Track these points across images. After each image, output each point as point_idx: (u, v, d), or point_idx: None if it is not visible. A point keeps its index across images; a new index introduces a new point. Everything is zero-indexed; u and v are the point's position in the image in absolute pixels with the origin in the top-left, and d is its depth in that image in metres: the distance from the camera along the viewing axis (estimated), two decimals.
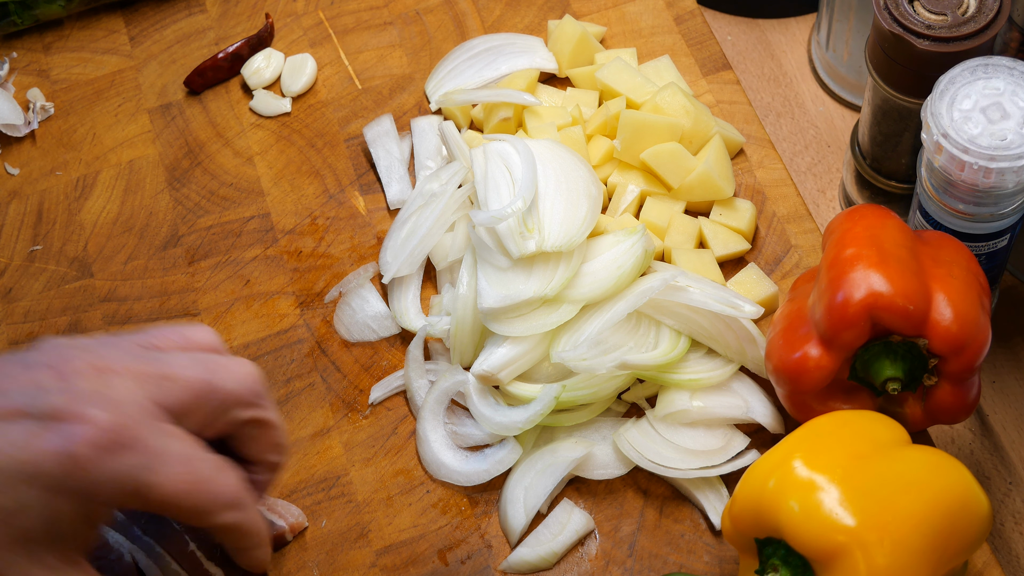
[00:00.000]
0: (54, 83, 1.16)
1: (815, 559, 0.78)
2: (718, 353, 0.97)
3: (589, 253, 0.98)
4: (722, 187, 1.03)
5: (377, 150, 1.09)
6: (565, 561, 0.92)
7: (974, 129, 0.88)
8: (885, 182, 1.08)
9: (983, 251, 0.95)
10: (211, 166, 1.11)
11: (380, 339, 1.01)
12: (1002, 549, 1.01)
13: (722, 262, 1.02)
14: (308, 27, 1.17)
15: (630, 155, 1.03)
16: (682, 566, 0.91)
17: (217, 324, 1.03)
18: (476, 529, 0.94)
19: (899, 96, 1.00)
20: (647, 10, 1.15)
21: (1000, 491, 1.03)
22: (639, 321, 0.96)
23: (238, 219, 1.08)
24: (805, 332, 0.87)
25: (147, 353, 0.78)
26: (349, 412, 0.99)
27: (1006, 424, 1.06)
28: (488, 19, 1.16)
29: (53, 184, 1.11)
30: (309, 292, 1.04)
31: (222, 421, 0.79)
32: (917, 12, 0.96)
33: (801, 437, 0.83)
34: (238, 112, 1.13)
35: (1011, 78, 0.90)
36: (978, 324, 0.85)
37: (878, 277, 0.84)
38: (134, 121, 1.13)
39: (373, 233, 1.06)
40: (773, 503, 0.79)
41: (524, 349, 0.95)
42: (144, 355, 0.77)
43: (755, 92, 1.24)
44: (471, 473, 0.95)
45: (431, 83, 1.12)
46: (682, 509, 0.94)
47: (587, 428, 0.96)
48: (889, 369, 0.86)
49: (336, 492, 0.96)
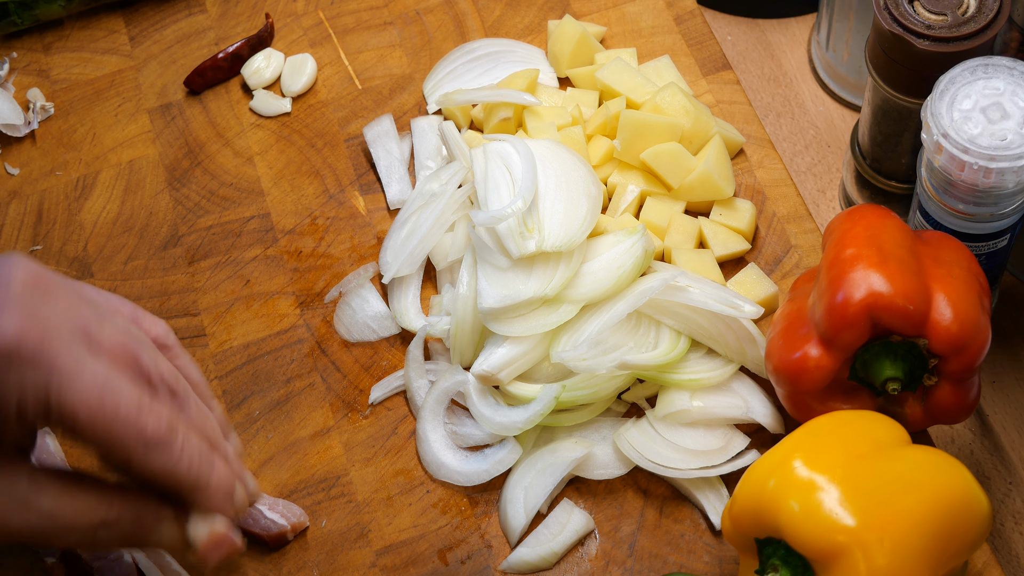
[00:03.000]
0: (54, 83, 1.16)
1: (815, 559, 0.78)
2: (718, 353, 0.97)
3: (589, 253, 0.98)
4: (722, 187, 1.03)
5: (377, 150, 1.09)
6: (565, 561, 0.92)
7: (974, 129, 0.88)
8: (885, 182, 1.08)
9: (983, 251, 0.95)
10: (211, 166, 1.11)
11: (380, 339, 1.02)
12: (1002, 549, 1.01)
13: (722, 262, 1.02)
14: (308, 27, 1.17)
15: (630, 155, 1.03)
16: (682, 566, 0.91)
17: (217, 324, 1.03)
18: (476, 529, 0.94)
19: (899, 96, 1.00)
20: (647, 10, 1.15)
21: (1000, 491, 1.03)
22: (639, 321, 0.96)
23: (238, 219, 1.08)
24: (805, 332, 0.87)
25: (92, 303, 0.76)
26: (349, 412, 0.99)
27: (1006, 424, 1.06)
28: (488, 19, 1.16)
29: (53, 184, 1.11)
30: (309, 292, 1.04)
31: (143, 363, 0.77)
32: (917, 12, 0.96)
33: (801, 437, 0.83)
34: (238, 112, 1.13)
35: (1011, 78, 0.90)
36: (978, 324, 0.85)
37: (878, 277, 0.84)
38: (134, 121, 1.13)
39: (373, 233, 1.06)
40: (773, 503, 0.79)
41: (524, 349, 0.95)
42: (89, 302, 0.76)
43: (755, 92, 1.24)
44: (471, 473, 0.95)
45: (429, 84, 1.12)
46: (682, 509, 0.94)
47: (587, 428, 0.96)
48: (889, 369, 0.86)
49: (336, 492, 0.96)
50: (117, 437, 0.73)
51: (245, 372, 1.01)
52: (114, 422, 0.72)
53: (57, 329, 0.71)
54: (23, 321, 0.70)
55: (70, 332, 0.72)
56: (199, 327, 1.03)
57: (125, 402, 0.73)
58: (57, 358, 0.71)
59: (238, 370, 1.01)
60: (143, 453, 0.74)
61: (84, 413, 0.71)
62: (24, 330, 0.70)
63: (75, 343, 0.72)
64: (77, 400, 0.71)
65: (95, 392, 0.72)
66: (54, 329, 0.71)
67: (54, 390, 0.70)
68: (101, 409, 0.72)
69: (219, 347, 1.02)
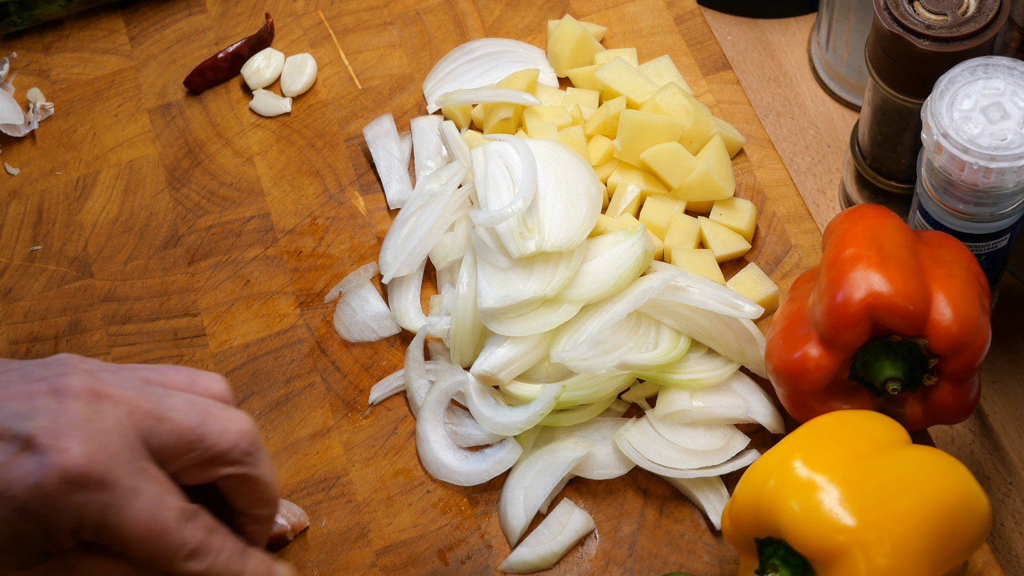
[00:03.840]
0: (54, 83, 1.16)
1: (815, 559, 0.78)
2: (718, 353, 0.97)
3: (589, 253, 0.98)
4: (722, 187, 1.03)
5: (377, 150, 1.09)
6: (565, 561, 0.92)
7: (974, 129, 0.88)
8: (885, 182, 1.08)
9: (983, 251, 0.95)
10: (211, 166, 1.11)
11: (380, 339, 1.02)
12: (1002, 549, 1.01)
13: (722, 262, 1.02)
14: (308, 27, 1.17)
15: (630, 155, 1.03)
16: (682, 566, 0.91)
17: (217, 324, 1.03)
18: (476, 529, 0.94)
19: (899, 96, 1.00)
20: (647, 10, 1.15)
21: (1000, 491, 1.03)
22: (639, 321, 0.96)
23: (238, 219, 1.08)
24: (805, 332, 0.87)
25: (149, 388, 0.78)
26: (349, 412, 0.99)
27: (1006, 424, 1.06)
28: (488, 19, 1.16)
29: (53, 184, 1.11)
30: (309, 292, 1.04)
31: (207, 473, 0.79)
32: (917, 12, 0.96)
33: (801, 437, 0.83)
34: (238, 112, 1.13)
35: (1011, 78, 0.90)
36: (978, 324, 0.85)
37: (878, 277, 0.84)
38: (134, 121, 1.13)
39: (373, 233, 1.06)
40: (773, 503, 0.79)
41: (524, 349, 0.95)
42: (145, 389, 0.77)
43: (755, 92, 1.24)
44: (471, 473, 0.95)
45: (429, 84, 1.12)
46: (682, 509, 0.94)
47: (587, 428, 0.96)
48: (889, 369, 0.86)
49: (336, 492, 0.96)
50: (163, 551, 0.75)
51: (245, 372, 1.01)
52: (161, 538, 0.74)
53: (120, 447, 0.73)
54: (90, 445, 0.72)
55: (131, 444, 0.74)
56: (199, 327, 1.03)
57: (173, 517, 0.75)
58: (118, 482, 0.73)
59: (238, 370, 1.01)
60: (183, 562, 0.76)
61: (136, 532, 0.73)
62: (91, 455, 0.72)
63: (135, 456, 0.74)
64: (132, 520, 0.73)
65: (147, 512, 0.74)
66: (117, 450, 0.73)
67: (111, 514, 0.73)
68: (152, 528, 0.74)
69: (219, 347, 1.02)
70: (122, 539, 0.73)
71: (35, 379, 0.74)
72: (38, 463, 0.71)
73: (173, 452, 0.76)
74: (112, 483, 0.72)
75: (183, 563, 0.76)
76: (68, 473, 0.71)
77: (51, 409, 0.73)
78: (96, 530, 0.73)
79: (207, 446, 0.77)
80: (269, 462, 0.81)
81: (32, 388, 0.74)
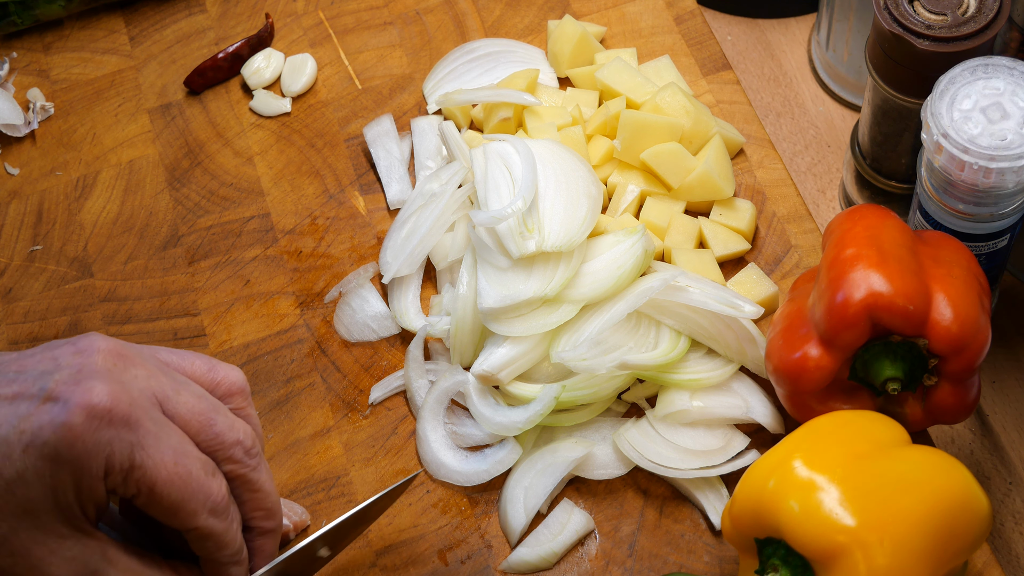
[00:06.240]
0: (54, 83, 1.16)
1: (815, 559, 0.78)
2: (718, 353, 0.97)
3: (589, 253, 0.98)
4: (722, 187, 1.03)
5: (377, 150, 1.09)
6: (565, 561, 0.92)
7: (974, 129, 0.88)
8: (885, 182, 1.08)
9: (983, 251, 0.95)
10: (211, 166, 1.11)
11: (380, 339, 1.02)
12: (1002, 549, 1.01)
13: (722, 262, 1.02)
14: (308, 27, 1.17)
15: (630, 155, 1.03)
16: (682, 566, 0.91)
17: (217, 324, 1.03)
18: (476, 529, 0.94)
19: (899, 96, 1.00)
20: (647, 10, 1.15)
21: (1000, 491, 1.03)
22: (639, 321, 0.96)
23: (238, 219, 1.08)
24: (805, 332, 0.87)
25: (168, 370, 0.80)
26: (349, 412, 0.99)
27: (1006, 424, 1.06)
28: (488, 19, 1.16)
29: (53, 184, 1.11)
30: (309, 292, 1.04)
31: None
32: (917, 12, 0.96)
33: (801, 437, 0.83)
34: (238, 112, 1.13)
35: (1011, 78, 0.90)
36: (978, 324, 0.85)
37: (878, 277, 0.84)
38: (134, 121, 1.13)
39: (373, 233, 1.06)
40: (773, 503, 0.79)
41: (524, 349, 0.95)
42: (165, 369, 0.80)
43: (755, 92, 1.24)
44: (471, 473, 0.95)
45: (429, 84, 1.12)
46: (682, 509, 0.94)
47: (587, 428, 0.96)
48: (889, 369, 0.86)
49: (336, 492, 0.96)
50: (188, 500, 0.77)
51: (245, 372, 1.01)
52: (187, 483, 0.77)
53: (140, 396, 0.76)
54: (113, 386, 0.74)
55: (150, 400, 0.77)
56: (199, 327, 1.03)
57: (197, 468, 0.77)
58: (142, 423, 0.75)
59: None
60: (206, 517, 0.78)
61: (163, 475, 0.76)
62: (115, 395, 0.74)
63: (155, 410, 0.77)
64: (158, 462, 0.75)
65: (172, 457, 0.76)
66: (137, 396, 0.76)
67: (138, 453, 0.75)
68: (177, 472, 0.76)
69: (219, 347, 1.02)
70: (150, 482, 0.75)
71: (61, 345, 0.77)
72: (62, 406, 0.73)
73: (184, 428, 0.78)
74: (136, 423, 0.75)
75: (208, 517, 0.78)
76: (94, 408, 0.73)
77: (74, 364, 0.75)
78: (124, 472, 0.74)
79: (215, 433, 0.79)
80: (269, 472, 0.83)
81: (57, 352, 0.76)
